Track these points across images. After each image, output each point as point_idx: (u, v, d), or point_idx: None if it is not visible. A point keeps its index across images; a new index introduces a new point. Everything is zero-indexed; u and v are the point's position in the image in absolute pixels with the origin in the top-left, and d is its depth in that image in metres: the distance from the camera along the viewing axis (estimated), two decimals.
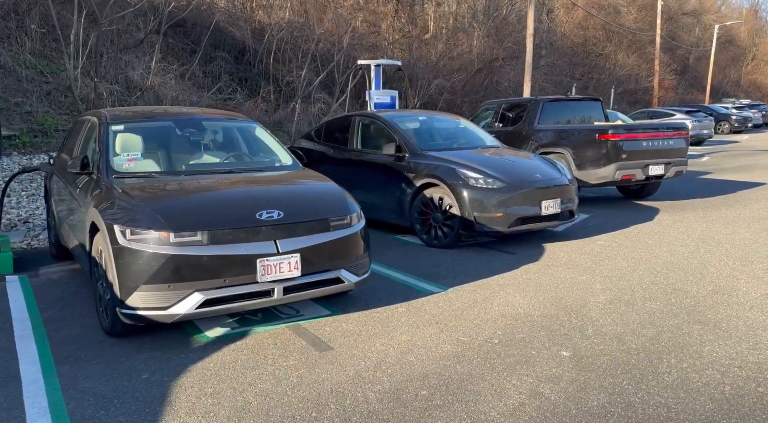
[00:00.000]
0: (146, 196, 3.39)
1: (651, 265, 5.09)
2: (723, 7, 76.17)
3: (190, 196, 3.50)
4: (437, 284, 4.60)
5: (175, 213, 3.21)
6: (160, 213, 3.18)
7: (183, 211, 3.26)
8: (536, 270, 5.02)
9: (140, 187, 3.51)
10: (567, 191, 5.97)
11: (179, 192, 3.55)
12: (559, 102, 9.11)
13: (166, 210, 3.22)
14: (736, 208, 7.83)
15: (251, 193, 3.67)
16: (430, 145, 6.49)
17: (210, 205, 3.39)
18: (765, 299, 4.12)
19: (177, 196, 3.48)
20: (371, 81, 10.40)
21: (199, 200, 3.45)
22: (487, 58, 24.77)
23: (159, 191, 3.51)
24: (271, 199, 3.52)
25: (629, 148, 7.69)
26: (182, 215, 3.21)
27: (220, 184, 3.72)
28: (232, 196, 3.57)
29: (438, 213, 5.85)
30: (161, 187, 3.58)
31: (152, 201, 3.33)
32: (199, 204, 3.38)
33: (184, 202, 3.38)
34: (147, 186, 3.57)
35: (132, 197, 3.35)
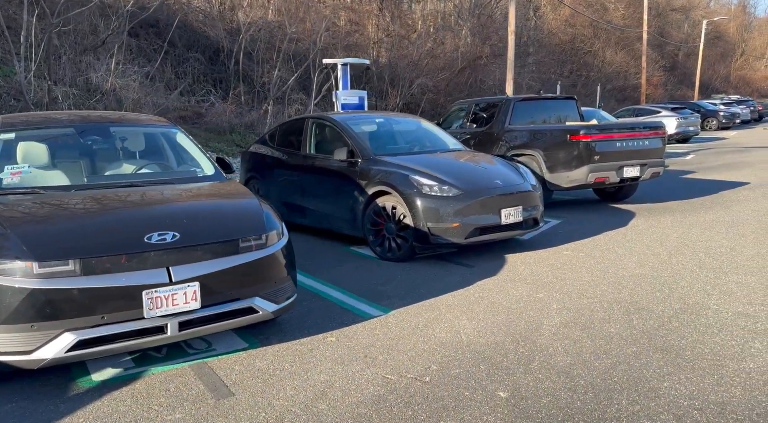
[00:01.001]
0: (17, 218, 2.93)
1: (617, 279, 4.68)
2: (712, 4, 76.30)
3: (68, 218, 3.04)
4: (379, 306, 4.16)
5: (44, 239, 2.76)
6: (26, 239, 2.72)
7: (53, 236, 2.80)
8: (492, 286, 4.59)
9: (14, 208, 3.05)
10: (530, 198, 5.55)
11: (57, 212, 3.09)
12: (532, 101, 8.69)
13: (34, 235, 2.77)
14: (716, 210, 7.44)
15: (143, 212, 3.21)
16: (386, 150, 6.06)
17: (89, 227, 2.93)
18: (735, 320, 3.71)
19: (52, 218, 3.01)
20: (338, 80, 9.94)
21: (76, 222, 2.98)
22: (471, 57, 24.38)
23: (34, 212, 3.05)
24: (167, 218, 3.07)
25: (602, 149, 7.29)
26: (51, 241, 2.75)
27: (109, 202, 3.26)
28: (119, 216, 3.11)
29: (391, 223, 5.42)
30: (38, 206, 3.11)
31: (22, 224, 2.87)
32: (75, 227, 2.92)
33: (58, 225, 2.91)
34: (23, 205, 3.10)
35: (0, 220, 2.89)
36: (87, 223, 2.96)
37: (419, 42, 24.30)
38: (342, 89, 9.87)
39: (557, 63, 37.86)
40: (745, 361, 3.11)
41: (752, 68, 73.17)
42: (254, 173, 7.16)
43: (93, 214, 3.11)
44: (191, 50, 18.43)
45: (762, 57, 76.19)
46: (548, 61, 36.72)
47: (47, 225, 2.90)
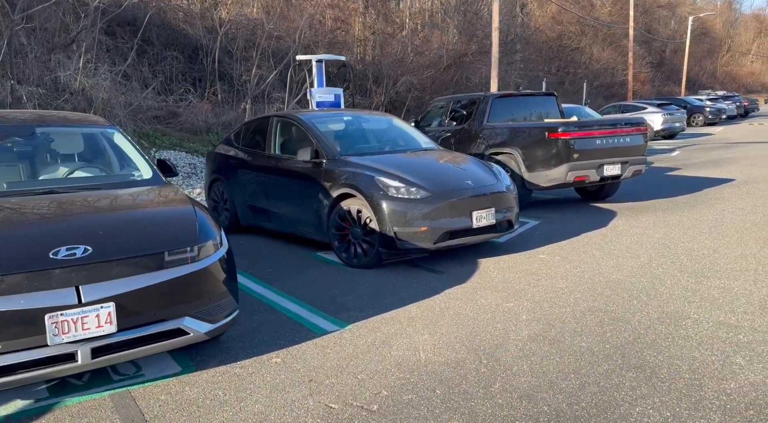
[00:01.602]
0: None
1: (592, 285, 4.39)
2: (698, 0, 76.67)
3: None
4: (336, 320, 3.85)
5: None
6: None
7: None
8: (460, 295, 4.29)
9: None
10: (503, 199, 5.26)
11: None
12: (510, 98, 8.41)
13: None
14: (700, 209, 7.20)
15: (55, 223, 2.86)
16: (353, 149, 5.74)
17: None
18: (716, 331, 3.44)
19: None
20: (313, 78, 9.60)
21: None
22: (457, 54, 24.09)
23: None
24: (80, 229, 2.73)
25: (581, 147, 7.02)
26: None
27: (19, 212, 2.91)
28: (27, 229, 2.77)
29: (357, 228, 5.10)
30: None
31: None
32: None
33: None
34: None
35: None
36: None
37: (405, 40, 24.01)
38: (317, 87, 9.53)
39: (544, 60, 37.72)
40: (726, 381, 2.83)
41: (738, 64, 73.64)
42: (218, 175, 6.81)
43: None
44: (169, 49, 17.97)
45: (748, 53, 76.74)
46: (535, 59, 36.56)
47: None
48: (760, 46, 79.03)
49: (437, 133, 8.84)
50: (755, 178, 9.59)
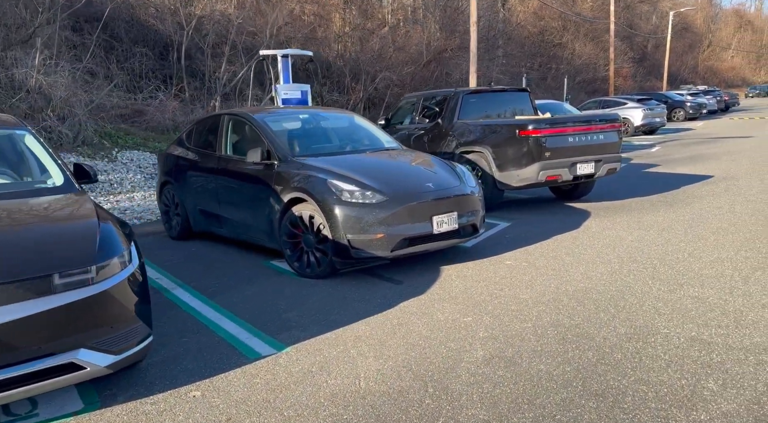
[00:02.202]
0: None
1: (558, 295, 4.08)
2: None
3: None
4: (275, 341, 3.48)
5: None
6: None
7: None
8: (415, 309, 3.95)
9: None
10: (467, 202, 4.93)
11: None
12: (482, 94, 8.09)
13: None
14: (677, 208, 6.95)
15: None
16: (308, 150, 5.37)
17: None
18: (688, 349, 3.13)
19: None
20: (278, 73, 9.18)
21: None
22: (437, 50, 23.76)
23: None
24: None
25: (553, 145, 6.72)
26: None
27: None
28: None
29: (309, 235, 4.73)
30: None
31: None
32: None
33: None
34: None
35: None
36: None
37: (385, 35, 23.62)
38: (283, 83, 9.11)
39: (527, 56, 37.57)
40: (696, 410, 2.53)
41: (719, 59, 74.35)
42: (169, 178, 6.40)
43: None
44: (138, 45, 17.38)
45: (728, 48, 77.54)
46: (518, 54, 36.40)
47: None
48: (740, 40, 79.93)
49: (408, 131, 8.50)
50: (733, 175, 9.39)
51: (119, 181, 10.12)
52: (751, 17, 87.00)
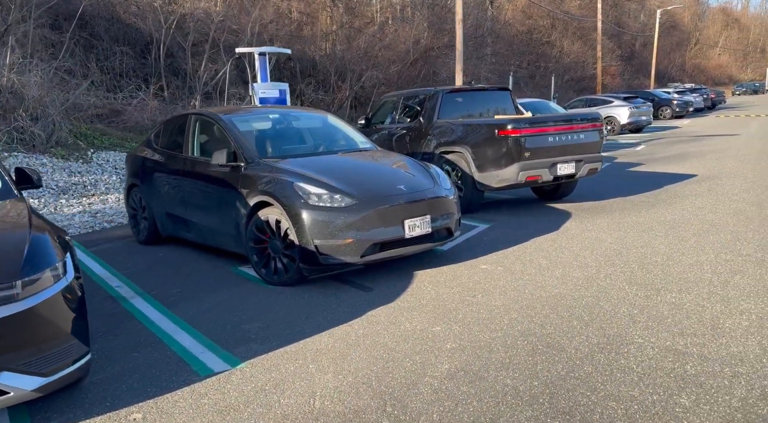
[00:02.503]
0: None
1: (531, 302, 3.93)
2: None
3: None
4: (231, 356, 3.30)
5: None
6: None
7: None
8: (383, 318, 3.78)
9: None
10: (441, 205, 4.76)
11: None
12: (462, 93, 7.93)
13: None
14: (659, 208, 6.84)
15: None
16: (277, 152, 5.18)
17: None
18: (662, 360, 2.99)
19: None
20: (256, 72, 8.96)
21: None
22: (424, 48, 23.60)
23: None
24: None
25: (533, 145, 6.58)
26: None
27: None
28: None
29: (276, 240, 4.54)
30: None
31: None
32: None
33: None
34: None
35: None
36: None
37: (371, 33, 23.43)
38: (261, 81, 8.89)
39: (515, 54, 37.53)
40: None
41: (706, 57, 74.91)
42: (136, 180, 6.18)
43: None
44: (119, 43, 17.06)
45: (715, 46, 78.15)
46: (506, 53, 36.33)
47: None
48: (726, 38, 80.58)
49: (389, 131, 8.34)
50: (717, 174, 9.32)
51: (93, 182, 9.86)
52: (737, 15, 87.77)
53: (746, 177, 8.79)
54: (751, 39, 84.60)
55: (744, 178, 8.66)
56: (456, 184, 7.14)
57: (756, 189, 7.73)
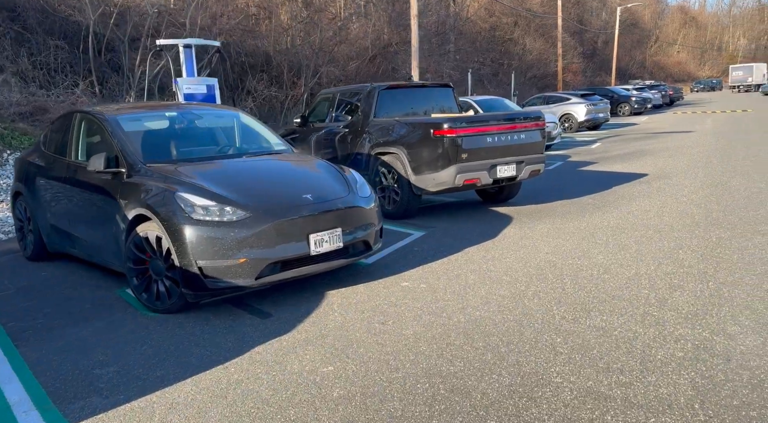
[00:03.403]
0: None
1: (446, 330, 3.42)
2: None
3: None
4: (61, 416, 2.66)
5: None
6: None
7: None
8: (269, 356, 3.20)
9: None
10: (356, 216, 4.21)
11: None
12: (400, 89, 7.40)
13: None
14: (604, 211, 6.45)
15: None
16: (168, 156, 4.52)
17: None
18: (578, 407, 2.51)
19: None
20: (181, 65, 8.23)
21: None
22: (382, 44, 23.04)
23: None
24: None
25: (470, 146, 6.09)
26: None
27: None
28: None
29: (158, 260, 3.91)
30: None
31: None
32: None
33: None
34: None
35: None
36: None
37: (328, 29, 22.74)
38: (186, 76, 8.17)
39: (479, 51, 37.38)
40: None
41: (666, 54, 76.77)
42: (21, 187, 5.43)
43: None
44: (53, 37, 15.93)
45: (674, 43, 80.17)
46: (469, 50, 36.14)
47: None
48: (685, 36, 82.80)
49: (324, 130, 7.75)
50: (669, 172, 9.06)
51: (5, 188, 8.95)
52: (695, 14, 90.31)
53: (697, 176, 8.54)
54: (708, 37, 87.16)
55: (694, 177, 8.40)
56: (392, 187, 6.62)
57: (705, 189, 7.45)
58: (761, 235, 5.10)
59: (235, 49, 18.95)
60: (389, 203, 6.69)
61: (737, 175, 8.33)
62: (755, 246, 4.77)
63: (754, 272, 4.13)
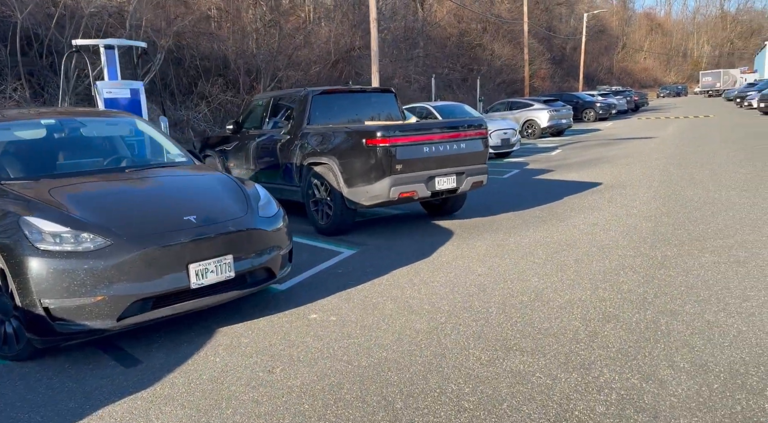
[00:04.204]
0: None
1: (341, 379, 2.88)
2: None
3: None
4: None
5: None
6: None
7: None
8: (119, 416, 2.61)
9: None
10: (253, 239, 3.65)
11: None
12: (336, 95, 6.87)
13: None
14: (549, 225, 6.03)
15: None
16: (32, 171, 3.89)
17: None
18: None
19: None
20: (103, 67, 7.54)
21: None
22: (345, 48, 22.54)
23: None
24: None
25: (405, 156, 5.60)
26: None
27: None
28: None
29: (5, 297, 3.28)
30: None
31: None
32: None
33: None
34: None
35: None
36: None
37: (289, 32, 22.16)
38: (109, 79, 7.49)
39: (448, 56, 37.24)
40: None
41: (633, 60, 78.20)
42: None
43: None
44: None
45: (641, 50, 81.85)
46: (438, 55, 35.94)
47: None
48: (651, 43, 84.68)
49: (257, 138, 7.18)
50: (623, 182, 8.74)
51: None
52: (661, 21, 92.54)
53: (651, 185, 8.23)
54: (674, 43, 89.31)
55: (648, 187, 8.08)
56: (325, 200, 6.08)
57: (658, 200, 7.11)
58: (709, 252, 4.72)
59: (189, 52, 18.23)
60: (322, 218, 6.16)
61: (693, 185, 8.04)
62: (701, 266, 4.38)
63: (697, 298, 3.71)
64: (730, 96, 38.92)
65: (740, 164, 9.75)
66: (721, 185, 7.82)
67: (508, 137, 12.91)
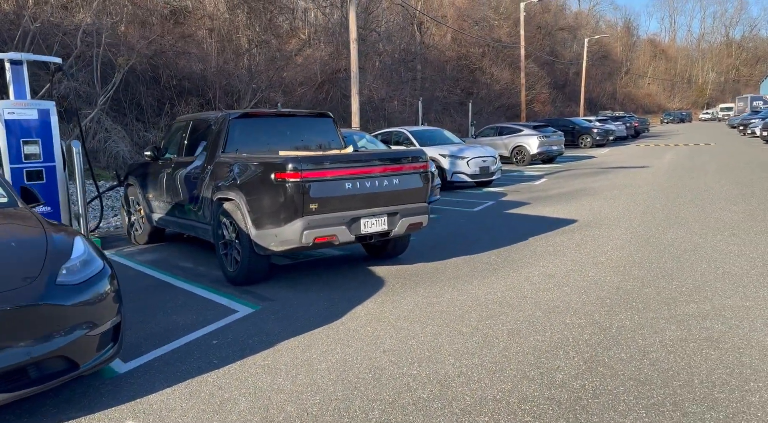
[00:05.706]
0: None
1: None
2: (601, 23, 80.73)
3: None
4: None
5: None
6: None
7: None
8: None
9: None
10: (41, 319, 2.72)
11: None
12: (258, 118, 6.02)
13: None
14: (498, 276, 5.08)
15: None
16: None
17: None
18: None
19: None
20: (8, 84, 6.74)
21: None
22: (330, 70, 21.93)
23: None
24: None
25: (321, 194, 4.70)
26: None
27: None
28: None
29: None
30: None
31: None
32: None
33: None
34: None
35: None
36: None
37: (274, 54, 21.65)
38: (14, 98, 6.70)
39: (446, 80, 36.72)
40: None
41: (636, 85, 77.74)
42: None
43: None
44: None
45: (645, 75, 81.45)
46: (436, 78, 35.45)
47: None
48: (655, 68, 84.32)
49: (173, 167, 6.33)
50: (601, 219, 7.79)
51: None
52: (665, 47, 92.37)
53: (630, 225, 7.27)
54: (678, 70, 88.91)
55: (627, 227, 7.12)
56: (234, 243, 5.18)
57: (632, 244, 6.15)
58: (677, 323, 3.76)
59: (167, 72, 17.62)
60: (230, 264, 5.25)
61: (676, 225, 7.08)
62: (663, 345, 3.41)
63: (647, 401, 2.74)
64: (733, 123, 38.02)
65: (733, 201, 8.79)
66: (707, 227, 6.85)
67: (487, 165, 12.03)
